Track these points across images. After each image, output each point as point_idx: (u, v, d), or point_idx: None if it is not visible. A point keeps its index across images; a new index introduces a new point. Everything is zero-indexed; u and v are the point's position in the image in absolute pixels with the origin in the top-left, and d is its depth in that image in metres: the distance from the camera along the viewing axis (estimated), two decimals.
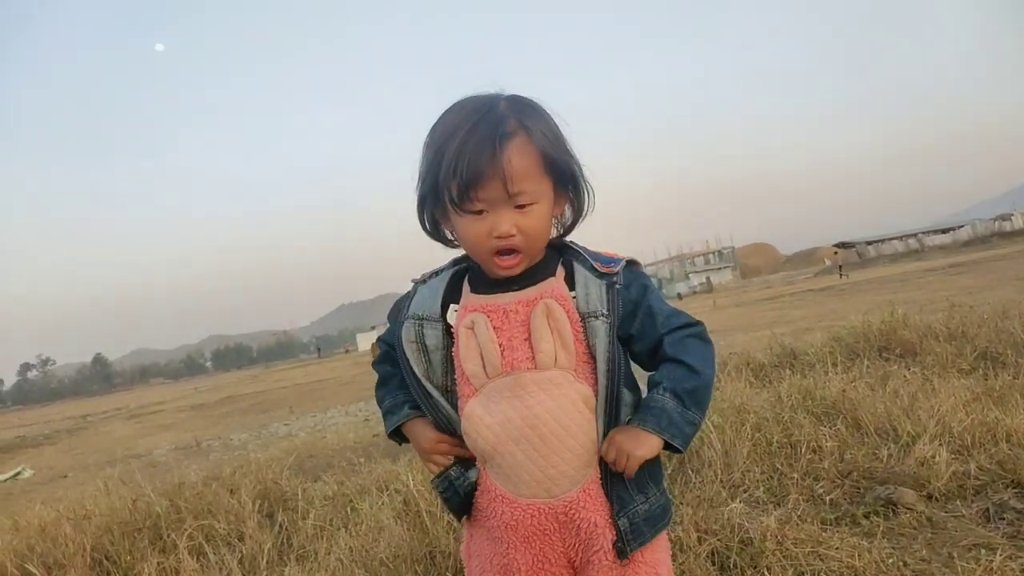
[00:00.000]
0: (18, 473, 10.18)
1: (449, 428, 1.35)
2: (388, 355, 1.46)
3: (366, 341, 74.31)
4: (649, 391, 1.27)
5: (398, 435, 1.42)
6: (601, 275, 1.28)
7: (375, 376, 1.51)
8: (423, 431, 1.37)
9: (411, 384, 1.35)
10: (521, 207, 1.22)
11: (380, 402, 1.47)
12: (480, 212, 1.23)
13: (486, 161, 1.18)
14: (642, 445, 1.22)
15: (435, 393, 1.33)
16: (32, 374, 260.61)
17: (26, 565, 3.15)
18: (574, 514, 1.25)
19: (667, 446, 1.24)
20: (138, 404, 29.72)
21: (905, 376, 4.16)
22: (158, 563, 3.03)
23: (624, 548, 1.25)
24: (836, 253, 60.24)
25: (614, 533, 1.26)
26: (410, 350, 1.33)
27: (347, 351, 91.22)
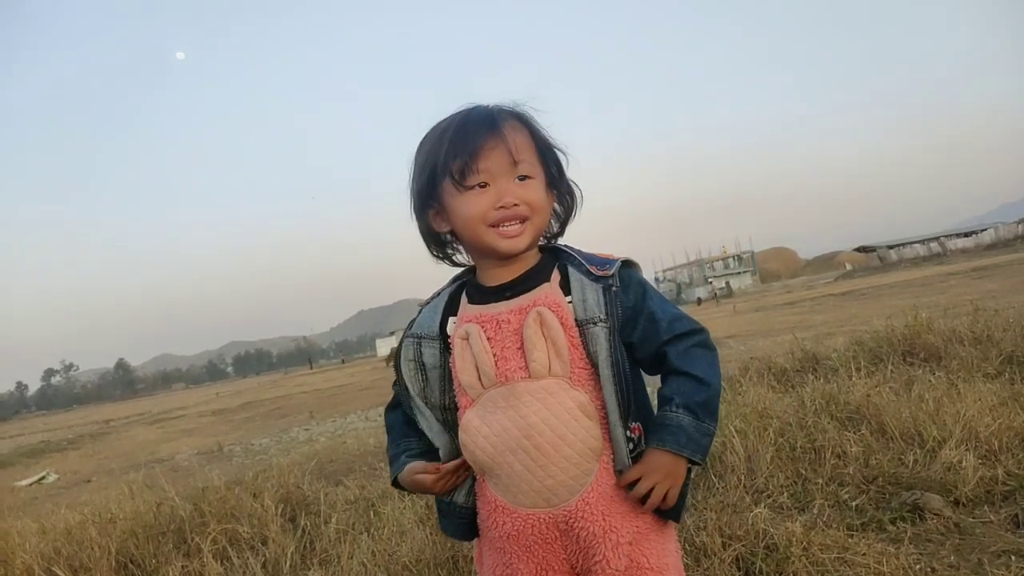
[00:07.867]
0: (43, 477, 10.30)
1: (447, 449, 1.35)
2: (400, 400, 1.43)
3: (385, 347, 74.62)
4: (660, 407, 1.26)
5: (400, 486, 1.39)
6: (597, 278, 1.26)
7: (389, 402, 1.48)
8: (409, 471, 1.34)
9: (404, 402, 1.37)
10: (523, 179, 1.24)
11: (388, 452, 1.44)
12: (483, 186, 1.24)
13: (487, 132, 1.22)
14: (678, 473, 1.23)
15: (427, 412, 1.34)
16: (56, 379, 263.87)
17: (53, 568, 3.20)
18: (574, 523, 1.25)
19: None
20: (160, 409, 29.98)
21: (930, 381, 4.10)
22: (182, 566, 3.06)
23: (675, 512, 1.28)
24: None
25: (616, 539, 1.25)
26: (407, 368, 1.34)
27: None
